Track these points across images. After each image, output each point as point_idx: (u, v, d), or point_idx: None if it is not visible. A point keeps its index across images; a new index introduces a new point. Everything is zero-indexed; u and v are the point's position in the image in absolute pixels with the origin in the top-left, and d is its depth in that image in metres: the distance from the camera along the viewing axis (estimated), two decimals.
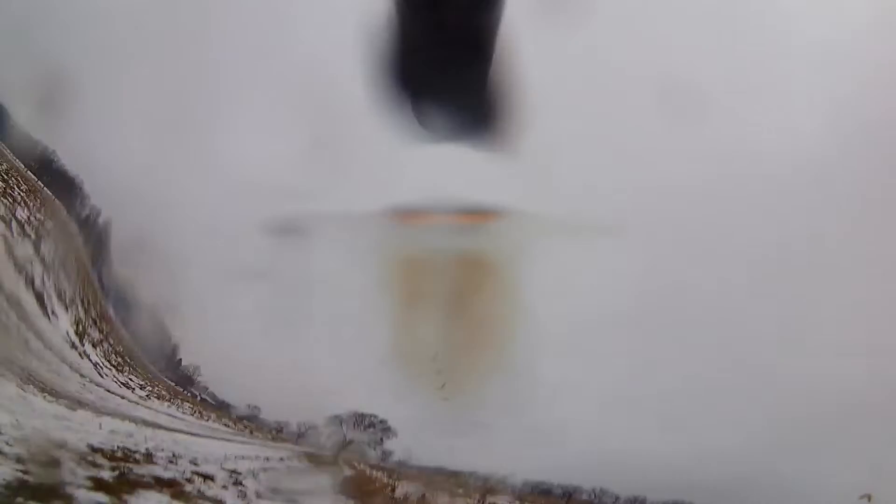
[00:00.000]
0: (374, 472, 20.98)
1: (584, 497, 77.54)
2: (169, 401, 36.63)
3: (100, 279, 52.74)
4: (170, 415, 28.29)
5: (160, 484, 9.81)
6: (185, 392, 52.66)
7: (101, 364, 27.74)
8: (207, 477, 11.74)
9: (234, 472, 14.21)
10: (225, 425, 42.26)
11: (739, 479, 60.22)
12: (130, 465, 10.81)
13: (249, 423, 64.09)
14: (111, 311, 52.42)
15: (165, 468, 11.89)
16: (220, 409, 65.43)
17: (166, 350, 56.35)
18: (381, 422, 66.42)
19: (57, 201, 48.83)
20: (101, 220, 53.50)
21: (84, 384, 20.91)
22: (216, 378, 62.15)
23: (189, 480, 10.85)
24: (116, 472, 9.97)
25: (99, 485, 8.88)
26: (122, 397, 24.43)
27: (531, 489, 78.81)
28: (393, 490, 13.93)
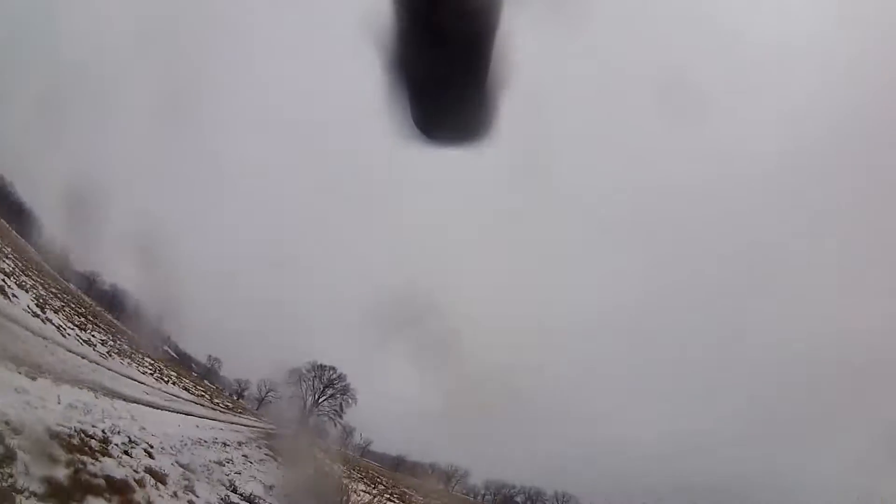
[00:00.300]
0: (334, 467, 20.97)
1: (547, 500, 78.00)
2: (130, 357, 36.56)
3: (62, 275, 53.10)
4: (129, 377, 28.28)
5: (111, 489, 9.82)
6: (148, 344, 52.53)
7: (63, 326, 27.65)
8: (160, 479, 11.75)
9: (187, 469, 14.25)
10: (185, 388, 42.11)
11: (738, 477, 60.62)
12: (85, 460, 10.79)
13: (210, 384, 63.91)
14: (72, 286, 52.56)
15: (119, 462, 11.88)
16: (182, 363, 65.27)
17: (130, 306, 56.32)
18: (340, 377, 65.32)
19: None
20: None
21: (46, 345, 20.80)
22: (178, 328, 62.11)
23: (140, 483, 10.85)
24: (71, 470, 9.99)
25: (51, 490, 8.90)
26: (83, 357, 24.34)
27: (494, 490, 79.49)
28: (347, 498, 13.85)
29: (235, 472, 17.31)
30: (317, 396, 64.41)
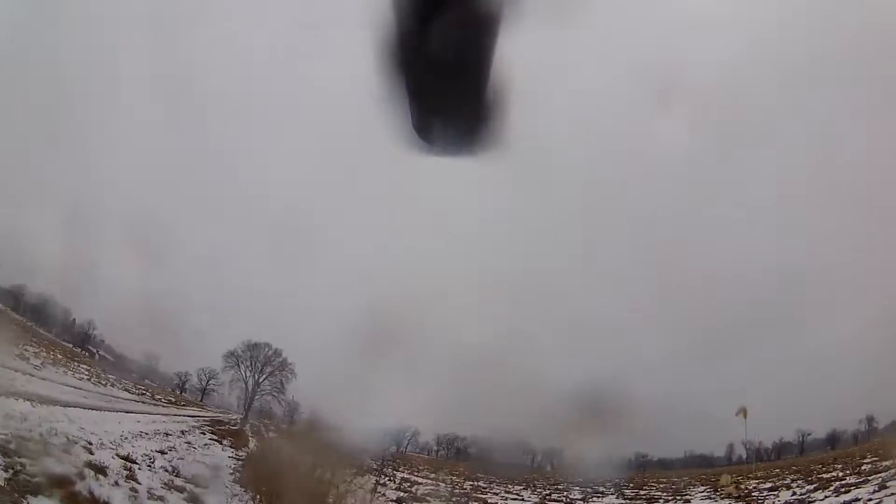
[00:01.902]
0: (281, 444, 21.20)
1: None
2: (65, 365, 35.93)
3: None
4: (65, 384, 27.92)
5: (52, 485, 9.97)
6: (83, 352, 51.06)
7: None
8: (100, 471, 11.90)
9: (128, 459, 14.35)
10: (125, 389, 41.37)
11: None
12: (24, 462, 10.86)
13: (151, 382, 62.41)
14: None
15: (59, 460, 11.96)
16: (119, 365, 63.42)
17: (60, 316, 54.25)
18: (276, 352, 63.43)
19: None
20: None
21: None
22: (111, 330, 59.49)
23: (80, 476, 11.00)
24: (10, 473, 10.08)
25: None
26: (16, 370, 23.83)
27: (446, 444, 79.18)
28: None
29: (178, 458, 17.43)
30: (256, 376, 63.02)
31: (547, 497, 31.21)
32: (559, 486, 38.96)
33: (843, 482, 23.57)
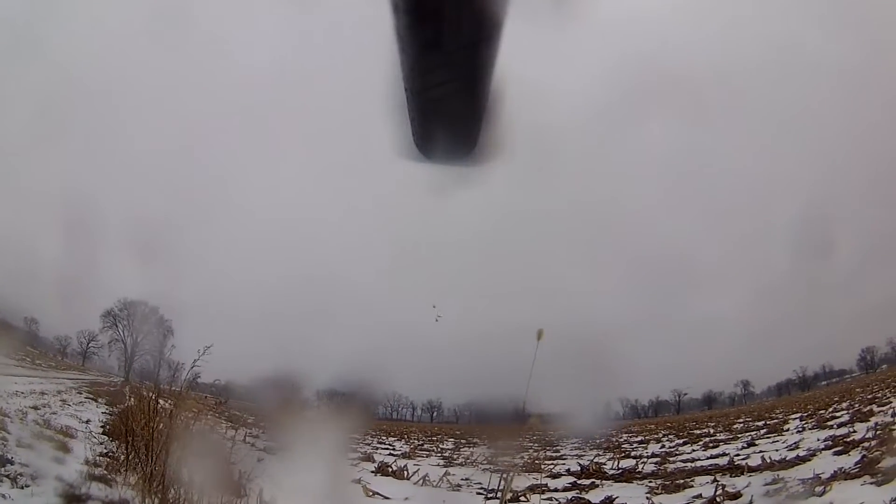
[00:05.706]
0: (159, 400, 21.64)
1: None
2: None
3: None
4: None
5: None
6: None
7: None
8: None
9: (0, 414, 14.94)
10: (4, 355, 39.84)
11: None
12: None
13: (32, 348, 59.57)
14: None
15: None
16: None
17: None
18: (153, 310, 60.47)
19: None
20: None
21: None
22: None
23: None
24: None
25: None
26: None
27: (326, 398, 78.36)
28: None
29: (51, 413, 17.98)
30: (135, 336, 60.17)
31: (419, 447, 32.37)
32: (434, 438, 40.16)
33: (713, 438, 24.05)
